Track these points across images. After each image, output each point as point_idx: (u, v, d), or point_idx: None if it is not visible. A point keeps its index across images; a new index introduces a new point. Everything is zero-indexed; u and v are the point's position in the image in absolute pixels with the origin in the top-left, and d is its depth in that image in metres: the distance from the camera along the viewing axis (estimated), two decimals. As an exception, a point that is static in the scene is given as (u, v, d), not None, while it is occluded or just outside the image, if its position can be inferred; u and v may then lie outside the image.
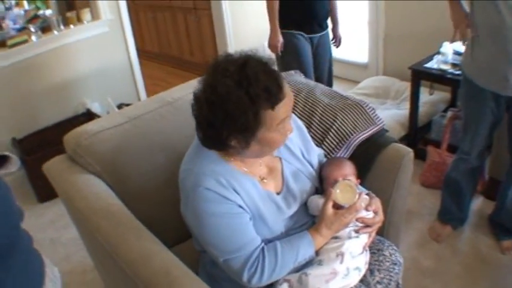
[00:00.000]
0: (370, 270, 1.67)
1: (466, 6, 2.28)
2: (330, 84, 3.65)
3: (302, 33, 3.32)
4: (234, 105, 1.33)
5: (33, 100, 3.78)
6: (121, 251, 1.54)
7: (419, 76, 3.33)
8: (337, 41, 3.64)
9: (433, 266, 2.63)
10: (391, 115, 3.64)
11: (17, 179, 3.65)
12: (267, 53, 1.50)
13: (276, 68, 1.43)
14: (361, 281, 1.62)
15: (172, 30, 5.94)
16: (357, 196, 1.55)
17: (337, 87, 4.69)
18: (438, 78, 3.22)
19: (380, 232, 1.90)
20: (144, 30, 6.40)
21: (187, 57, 5.94)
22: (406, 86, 3.98)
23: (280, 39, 3.26)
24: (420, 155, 3.39)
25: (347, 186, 1.57)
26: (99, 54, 4.06)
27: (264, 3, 3.27)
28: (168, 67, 6.21)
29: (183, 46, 5.92)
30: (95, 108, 4.02)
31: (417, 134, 3.54)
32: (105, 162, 1.93)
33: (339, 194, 1.56)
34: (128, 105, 3.95)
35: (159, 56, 6.39)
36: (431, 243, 2.79)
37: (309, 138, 1.80)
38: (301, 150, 1.74)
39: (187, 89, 2.18)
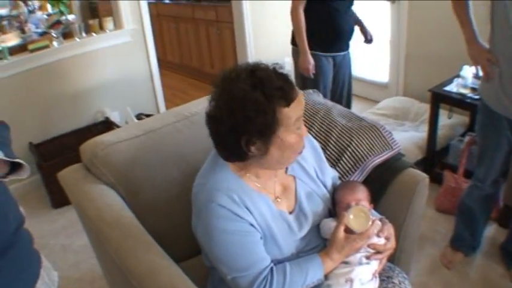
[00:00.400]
0: (379, 297, 1.65)
1: (483, 42, 2.29)
2: (348, 103, 3.64)
3: (327, 54, 3.32)
4: (252, 106, 1.36)
5: (52, 106, 3.82)
6: (129, 263, 1.54)
7: (439, 99, 3.30)
8: (368, 35, 3.59)
9: (442, 293, 2.59)
10: (409, 137, 3.62)
11: (32, 183, 3.70)
12: (286, 68, 1.52)
13: (283, 71, 1.47)
14: (370, 307, 1.61)
15: (194, 41, 5.99)
16: (370, 222, 1.54)
17: (356, 106, 4.69)
18: (457, 102, 3.20)
19: (391, 258, 1.89)
20: (166, 40, 6.46)
21: (208, 69, 5.98)
22: (425, 108, 3.95)
23: (311, 61, 3.23)
24: (437, 179, 3.36)
25: (361, 212, 1.56)
26: (120, 64, 4.10)
27: (286, 21, 3.27)
28: (189, 78, 6.26)
29: (204, 58, 5.96)
30: (114, 117, 4.06)
31: (435, 158, 3.51)
32: (119, 173, 1.94)
33: (352, 219, 1.55)
34: (147, 115, 4.01)
35: (180, 67, 6.44)
36: (442, 269, 2.75)
37: (324, 159, 1.79)
38: (316, 171, 1.74)
39: (204, 104, 2.16)
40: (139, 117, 4.10)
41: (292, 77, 3.45)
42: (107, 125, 3.86)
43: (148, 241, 1.65)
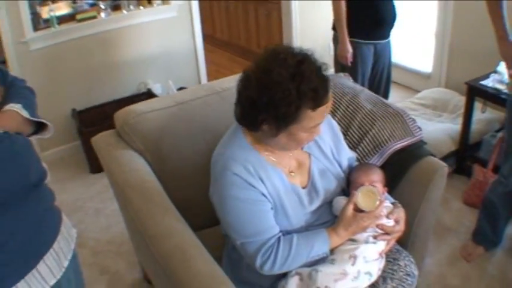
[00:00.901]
0: (383, 278, 1.69)
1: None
2: (387, 91, 3.64)
3: (368, 41, 3.30)
4: (281, 94, 1.41)
5: (97, 75, 3.96)
6: (146, 225, 1.65)
7: (474, 92, 3.28)
8: None
9: (458, 285, 2.60)
10: (444, 129, 3.60)
11: (72, 148, 3.89)
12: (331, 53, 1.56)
13: (327, 73, 1.50)
14: (373, 287, 1.66)
15: (243, 20, 6.04)
16: (378, 202, 1.59)
17: (398, 94, 4.68)
18: (492, 97, 3.17)
19: (403, 243, 1.93)
20: (216, 17, 6.53)
21: (254, 48, 6.02)
22: (465, 101, 3.92)
23: (350, 49, 3.24)
24: (467, 172, 3.36)
25: (369, 192, 1.62)
26: (165, 38, 4.19)
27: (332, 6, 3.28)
28: (235, 56, 6.32)
29: (252, 37, 6.01)
30: (156, 89, 4.17)
31: (467, 151, 3.49)
32: (148, 141, 2.04)
33: (360, 197, 1.61)
34: (188, 89, 4.10)
35: (227, 44, 6.51)
36: (462, 262, 2.76)
37: (341, 139, 1.84)
38: (332, 150, 1.79)
39: (235, 81, 2.25)
40: (180, 90, 4.19)
41: (332, 63, 3.51)
42: (149, 96, 3.95)
43: (167, 206, 1.74)
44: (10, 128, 1.23)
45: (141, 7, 3.99)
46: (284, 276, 1.62)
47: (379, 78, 3.51)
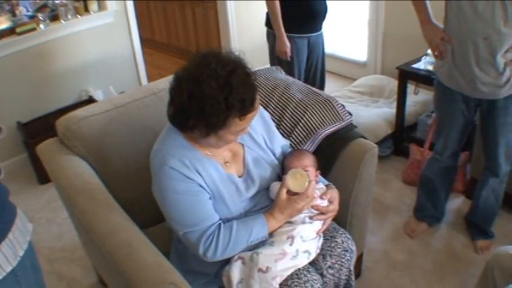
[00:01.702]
0: (323, 255, 1.81)
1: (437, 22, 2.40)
2: (322, 81, 3.75)
3: (301, 35, 3.40)
4: (211, 106, 1.50)
5: (39, 86, 3.93)
6: (92, 224, 1.71)
7: (406, 76, 3.44)
8: None
9: (404, 260, 2.73)
10: (380, 113, 3.75)
11: (19, 161, 3.86)
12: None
13: (255, 81, 1.60)
14: (314, 264, 1.77)
15: (181, 21, 6.07)
16: (307, 183, 1.69)
17: (335, 83, 4.83)
18: (424, 78, 3.33)
19: (342, 222, 2.05)
20: (154, 20, 6.53)
21: (194, 49, 6.05)
22: (397, 85, 4.08)
23: (288, 44, 3.33)
24: (404, 153, 3.52)
25: (298, 174, 1.71)
26: (103, 44, 4.20)
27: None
28: (175, 58, 6.34)
29: (190, 38, 6.05)
30: (97, 95, 4.18)
31: (403, 133, 3.65)
32: (90, 145, 2.09)
33: (290, 180, 1.70)
34: (129, 93, 4.13)
35: (167, 46, 6.53)
36: (406, 238, 2.89)
37: (273, 128, 1.95)
38: (264, 139, 1.89)
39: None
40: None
41: (267, 58, 3.60)
42: (90, 103, 3.97)
43: (111, 205, 1.81)
44: None
45: (79, 15, 4.00)
46: (228, 262, 1.71)
47: (314, 70, 3.62)
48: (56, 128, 2.18)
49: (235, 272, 1.66)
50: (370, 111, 3.80)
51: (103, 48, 4.20)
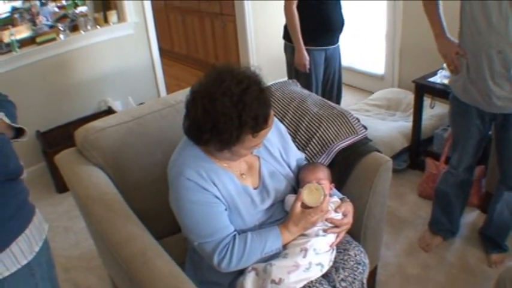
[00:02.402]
0: (336, 268, 1.82)
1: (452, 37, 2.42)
2: (339, 93, 3.78)
3: (319, 47, 3.44)
4: (224, 122, 1.53)
5: (58, 96, 4.01)
6: (108, 233, 1.73)
7: (423, 90, 3.44)
8: None
9: (418, 274, 2.73)
10: (397, 126, 3.76)
11: (38, 169, 3.93)
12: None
13: (269, 97, 1.62)
14: (327, 277, 1.78)
15: (200, 33, 6.14)
16: (322, 197, 1.71)
17: (353, 96, 4.85)
18: (440, 92, 3.33)
19: (356, 235, 2.06)
20: (174, 32, 6.62)
21: (213, 60, 6.12)
22: (414, 99, 4.09)
23: (307, 56, 3.37)
24: (421, 167, 3.52)
25: (314, 189, 1.74)
26: (123, 55, 4.28)
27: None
28: (194, 69, 6.41)
29: (209, 50, 6.12)
30: (116, 106, 4.24)
31: (420, 146, 3.65)
32: (108, 155, 2.13)
33: (305, 194, 1.72)
34: (147, 104, 4.19)
35: (186, 58, 6.60)
36: (420, 252, 2.89)
37: (289, 141, 1.97)
38: (280, 152, 1.91)
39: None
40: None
41: (284, 71, 3.64)
42: (109, 114, 4.02)
43: (127, 215, 1.84)
44: None
45: (98, 26, 4.07)
46: (242, 273, 1.73)
47: (331, 82, 3.65)
48: (75, 138, 2.22)
49: (249, 283, 1.68)
50: (386, 125, 3.80)
51: (122, 59, 4.28)
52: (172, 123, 2.25)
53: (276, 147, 1.89)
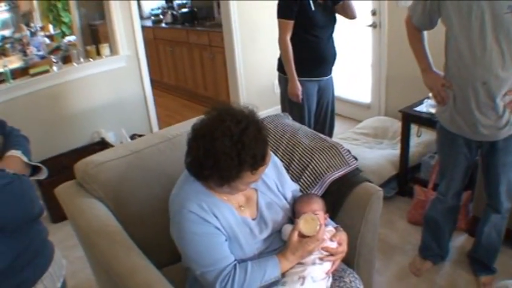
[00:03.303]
0: (332, 295, 1.89)
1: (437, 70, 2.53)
2: (331, 123, 3.86)
3: (312, 79, 3.54)
4: (224, 161, 1.62)
5: (51, 127, 4.06)
6: (112, 264, 1.79)
7: (409, 119, 3.55)
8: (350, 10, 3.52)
9: (410, 298, 2.79)
10: (385, 155, 3.85)
11: (33, 200, 3.92)
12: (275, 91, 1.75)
13: (267, 136, 1.72)
14: (323, 304, 1.84)
15: (189, 65, 6.25)
16: (318, 227, 1.78)
17: (342, 125, 4.95)
18: (426, 121, 3.43)
19: (350, 262, 2.13)
20: (163, 63, 6.73)
21: (201, 91, 6.23)
22: (401, 128, 4.20)
23: (300, 87, 3.45)
24: (409, 194, 3.61)
25: (310, 219, 1.81)
26: (115, 87, 4.35)
27: (275, 46, 3.50)
28: (183, 100, 6.51)
29: (198, 80, 6.22)
30: (109, 137, 4.30)
31: (408, 174, 3.74)
32: (108, 189, 2.19)
33: (302, 224, 1.80)
34: (140, 135, 4.24)
35: (175, 89, 6.70)
36: (411, 277, 2.96)
37: (284, 173, 2.05)
38: (276, 184, 2.00)
39: (185, 127, 2.42)
40: (133, 137, 4.34)
41: (273, 101, 3.72)
42: (103, 145, 4.09)
43: (130, 246, 1.89)
44: (16, 171, 1.52)
45: (91, 59, 4.14)
46: (241, 301, 1.79)
47: (325, 113, 3.74)
48: (74, 172, 2.27)
49: (249, 311, 1.74)
50: (374, 153, 3.90)
51: (115, 91, 4.35)
52: (169, 157, 2.32)
53: (273, 180, 1.98)
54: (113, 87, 4.34)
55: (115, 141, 4.33)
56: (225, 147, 1.60)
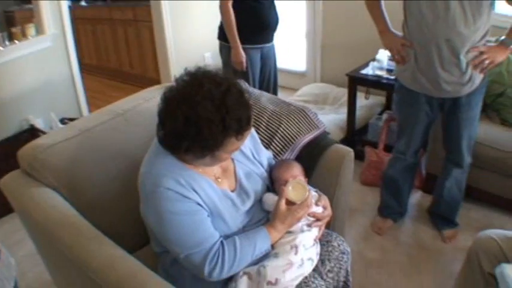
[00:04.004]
0: (321, 261, 1.81)
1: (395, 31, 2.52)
2: (275, 92, 3.80)
3: (255, 46, 3.42)
4: (208, 129, 1.45)
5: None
6: (85, 259, 1.60)
7: (356, 82, 3.52)
8: None
9: (378, 257, 2.80)
10: (329, 120, 3.82)
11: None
12: (206, 62, 1.61)
13: (248, 97, 1.57)
14: (314, 270, 1.76)
15: (112, 43, 5.98)
16: (307, 193, 1.69)
17: (278, 94, 4.86)
18: (374, 83, 3.42)
19: (326, 227, 2.05)
20: (83, 44, 6.39)
21: (127, 69, 5.99)
22: (343, 92, 4.20)
23: (244, 54, 3.33)
24: (359, 156, 3.58)
25: (298, 185, 1.72)
26: (42, 69, 4.06)
27: (206, 16, 3.35)
28: (106, 80, 6.23)
29: (123, 59, 5.97)
30: (38, 124, 4.02)
31: (355, 136, 3.74)
32: (60, 175, 1.96)
33: (291, 191, 1.70)
34: (70, 119, 4.01)
35: (97, 68, 6.40)
36: (375, 236, 2.97)
37: (259, 141, 1.93)
38: (252, 152, 1.87)
39: (136, 101, 2.26)
40: (63, 122, 4.09)
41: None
42: (33, 132, 3.82)
43: (98, 237, 1.70)
44: None
45: (16, 41, 3.84)
46: (230, 279, 1.66)
47: (268, 81, 3.66)
48: (19, 160, 2.03)
49: (242, 288, 1.62)
50: (319, 119, 3.85)
51: (42, 74, 4.07)
52: (123, 134, 2.12)
53: (248, 148, 1.85)
54: (39, 70, 4.03)
55: (44, 127, 4.05)
56: (208, 112, 1.44)
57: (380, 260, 2.77)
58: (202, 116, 1.44)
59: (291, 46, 5.13)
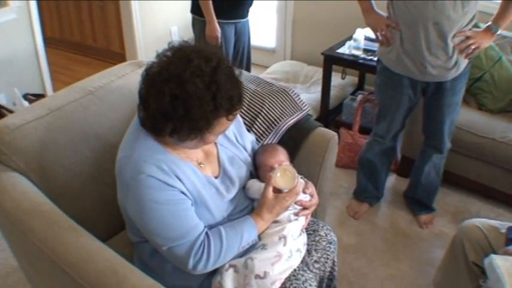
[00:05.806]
0: (308, 251, 1.74)
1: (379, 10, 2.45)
2: (248, 69, 3.72)
3: (229, 21, 3.33)
4: (198, 108, 1.34)
5: None
6: (60, 251, 1.49)
7: (332, 62, 3.45)
8: None
9: (355, 242, 2.77)
10: (302, 99, 3.74)
11: None
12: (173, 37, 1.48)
13: (238, 73, 1.47)
14: (301, 261, 1.68)
15: (75, 15, 5.76)
16: (296, 180, 1.61)
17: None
18: (350, 63, 3.36)
19: (312, 214, 1.99)
20: (46, 16, 6.12)
21: (90, 42, 5.78)
22: (315, 71, 4.13)
23: (219, 29, 3.24)
24: (333, 137, 3.54)
25: (286, 171, 1.63)
26: (5, 43, 3.83)
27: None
28: (69, 53, 5.99)
29: (86, 32, 5.76)
30: (1, 99, 3.82)
31: (328, 117, 3.67)
32: (29, 158, 1.82)
33: (279, 178, 1.61)
34: (34, 95, 3.83)
35: (60, 42, 6.15)
36: (351, 220, 2.93)
37: (242, 123, 1.83)
38: (235, 135, 1.77)
39: (107, 77, 2.11)
40: (26, 97, 3.89)
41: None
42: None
43: (73, 227, 1.58)
44: None
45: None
46: (214, 272, 1.58)
47: (241, 57, 3.58)
48: (-18, 141, 1.89)
49: (228, 282, 1.54)
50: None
51: (4, 48, 3.83)
52: (96, 113, 1.97)
53: (232, 131, 1.75)
54: (2, 44, 3.81)
55: (7, 103, 3.84)
56: (198, 89, 1.33)
57: (357, 246, 2.74)
58: (192, 94, 1.33)
59: (261, 21, 5.00)
